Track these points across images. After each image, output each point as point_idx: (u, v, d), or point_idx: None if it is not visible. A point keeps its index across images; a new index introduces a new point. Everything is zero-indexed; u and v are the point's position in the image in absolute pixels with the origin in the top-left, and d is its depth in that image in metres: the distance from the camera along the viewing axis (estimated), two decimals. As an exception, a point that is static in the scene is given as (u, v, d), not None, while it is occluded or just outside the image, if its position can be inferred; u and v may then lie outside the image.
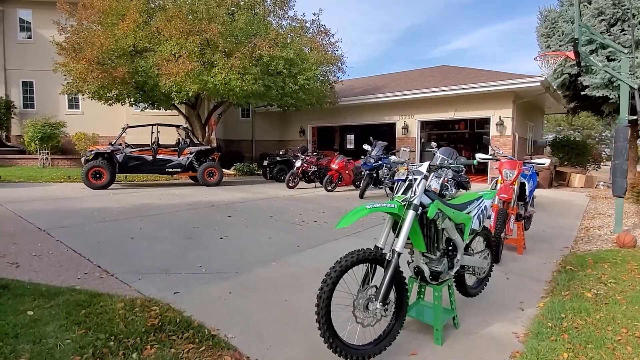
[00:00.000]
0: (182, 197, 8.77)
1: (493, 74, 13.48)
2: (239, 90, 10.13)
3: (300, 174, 11.00)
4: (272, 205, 7.99)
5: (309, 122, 18.24)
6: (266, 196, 9.36)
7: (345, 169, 10.25)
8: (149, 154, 10.54)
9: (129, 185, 11.16)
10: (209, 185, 11.07)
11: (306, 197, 9.43)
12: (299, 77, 11.30)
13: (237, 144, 19.53)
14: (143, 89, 11.26)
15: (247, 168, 15.96)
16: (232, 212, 7.07)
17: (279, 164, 13.06)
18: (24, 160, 14.47)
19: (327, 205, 8.18)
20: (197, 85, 9.77)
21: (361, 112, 16.03)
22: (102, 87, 10.12)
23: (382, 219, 2.56)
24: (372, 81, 18.54)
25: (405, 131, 14.67)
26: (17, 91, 16.29)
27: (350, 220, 2.26)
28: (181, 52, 9.85)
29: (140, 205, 7.51)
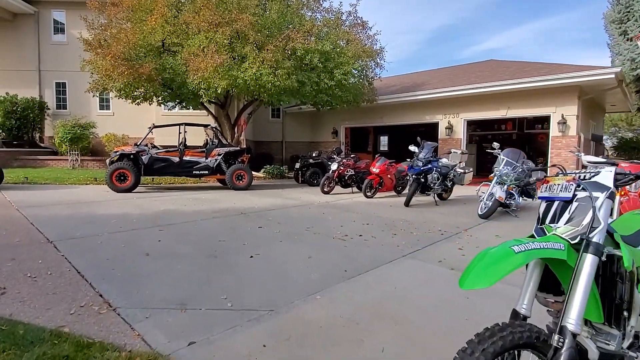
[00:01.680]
0: (209, 203, 8.02)
1: (553, 66, 12.02)
2: (271, 87, 9.32)
3: (336, 178, 10.04)
4: (308, 214, 7.07)
5: (342, 122, 17.28)
6: (300, 202, 8.46)
7: (387, 172, 9.20)
8: (176, 155, 9.92)
9: (155, 188, 10.59)
10: (238, 189, 10.31)
11: (344, 204, 8.45)
12: (335, 71, 10.36)
13: (267, 145, 18.85)
14: (170, 86, 10.68)
15: (277, 170, 15.19)
16: (263, 222, 6.19)
17: (312, 166, 12.16)
18: (56, 161, 14.34)
19: (370, 214, 7.16)
20: (226, 81, 9.04)
21: (399, 111, 14.89)
22: (128, 84, 9.58)
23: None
24: (410, 78, 17.35)
25: (449, 132, 13.42)
26: (50, 92, 16.31)
27: (492, 276, 1.26)
28: (210, 45, 9.15)
29: (162, 212, 6.79)
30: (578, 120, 10.91)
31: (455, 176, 8.65)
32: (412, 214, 7.28)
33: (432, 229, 5.93)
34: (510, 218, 6.96)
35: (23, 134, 14.98)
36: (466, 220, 6.74)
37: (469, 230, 5.93)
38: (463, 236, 5.55)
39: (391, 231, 5.73)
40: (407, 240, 5.16)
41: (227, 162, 10.60)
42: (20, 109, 14.64)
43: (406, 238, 5.31)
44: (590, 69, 10.40)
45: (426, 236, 5.47)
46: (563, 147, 11.03)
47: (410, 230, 5.81)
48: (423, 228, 6.01)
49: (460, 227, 6.11)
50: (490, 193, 6.90)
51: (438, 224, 6.37)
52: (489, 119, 13.40)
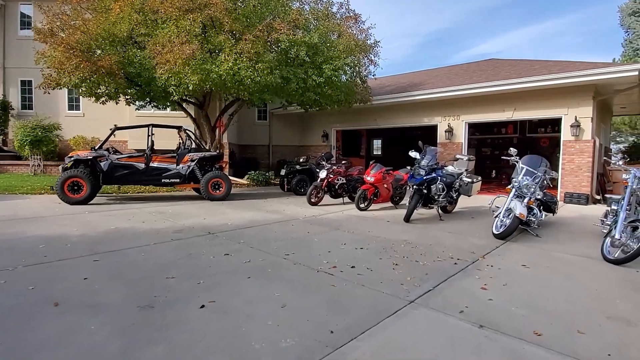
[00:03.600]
0: (174, 218, 6.79)
1: (565, 64, 11.02)
2: (250, 83, 8.13)
3: (325, 187, 8.87)
4: (290, 233, 5.88)
5: (333, 125, 16.14)
6: (282, 217, 7.27)
7: (383, 182, 8.06)
8: (141, 161, 8.65)
9: (121, 198, 9.31)
10: (214, 199, 9.08)
11: (333, 218, 7.28)
12: (324, 67, 9.20)
13: (253, 149, 17.62)
14: (138, 83, 9.42)
15: (262, 177, 13.98)
16: (232, 246, 4.99)
17: (299, 173, 10.97)
18: (17, 166, 12.97)
19: (365, 233, 6.00)
20: (198, 75, 7.82)
21: (395, 113, 13.79)
22: (85, 79, 8.30)
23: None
24: (406, 78, 16.29)
25: (449, 135, 12.34)
26: (15, 91, 14.91)
27: None
28: (180, 35, 7.94)
29: (110, 233, 5.54)
30: (593, 123, 9.89)
31: (461, 186, 7.55)
32: (414, 232, 6.13)
33: (441, 255, 4.78)
34: (531, 238, 5.85)
35: (-19, 136, 13.56)
36: (480, 241, 5.61)
37: (488, 257, 4.79)
38: (482, 266, 4.41)
39: (391, 259, 4.57)
40: (413, 274, 4.00)
41: (203, 168, 9.37)
42: (-23, 109, 13.23)
43: (411, 270, 4.15)
44: (608, 65, 9.40)
45: (436, 266, 4.32)
46: (577, 153, 10.00)
47: (415, 258, 4.65)
48: (430, 253, 4.86)
49: (475, 252, 4.97)
50: (507, 208, 5.79)
51: (447, 247, 5.23)
52: (493, 121, 12.35)
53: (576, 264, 4.59)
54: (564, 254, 5.04)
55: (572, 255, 4.95)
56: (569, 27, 75.86)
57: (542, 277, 4.04)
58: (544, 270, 4.28)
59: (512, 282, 3.86)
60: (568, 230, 6.56)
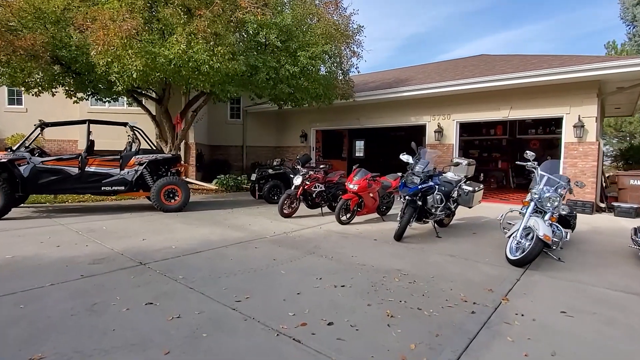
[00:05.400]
0: (103, 239, 5.28)
1: (566, 58, 10.02)
2: (209, 70, 6.69)
3: (301, 196, 7.52)
4: (249, 261, 4.49)
5: (312, 124, 14.80)
6: (245, 235, 5.87)
7: (368, 190, 6.77)
8: (74, 164, 7.07)
9: (52, 209, 7.69)
10: (168, 210, 7.60)
11: (309, 236, 5.94)
12: (299, 53, 7.84)
13: (224, 150, 16.08)
14: (75, 70, 7.82)
15: (233, 181, 12.52)
16: (164, 285, 3.58)
17: (272, 178, 9.58)
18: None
19: (347, 259, 4.68)
20: (141, 59, 6.33)
21: (379, 111, 12.57)
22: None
23: None
24: (391, 74, 15.11)
25: (439, 136, 11.19)
26: (-57, 82, 12.88)
27: None
28: (121, 10, 6.42)
29: None
30: (597, 123, 8.92)
31: (460, 195, 6.34)
32: (409, 257, 4.86)
33: (450, 297, 3.51)
34: (553, 264, 4.66)
35: None
36: (493, 269, 4.38)
37: (512, 298, 3.56)
38: (509, 315, 3.16)
39: (384, 305, 3.27)
40: (419, 337, 2.70)
41: (155, 173, 7.86)
42: None
43: (414, 327, 2.85)
44: (616, 59, 8.43)
45: (448, 319, 3.04)
46: (580, 156, 8.99)
47: (416, 302, 3.37)
48: (435, 293, 3.59)
49: (494, 290, 3.73)
50: (526, 226, 4.59)
51: (455, 280, 3.97)
52: (487, 120, 11.29)
53: (629, 307, 3.41)
54: (603, 288, 3.87)
55: (616, 292, 3.78)
56: (538, 34, 76.98)
57: (597, 335, 2.82)
58: (593, 321, 3.06)
59: (563, 348, 2.62)
60: (591, 251, 5.43)
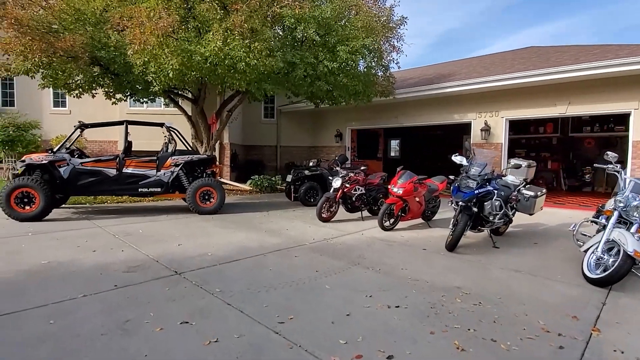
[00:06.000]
0: (139, 244, 5.10)
1: (633, 47, 9.00)
2: (245, 68, 6.41)
3: (340, 199, 7.10)
4: (290, 273, 4.12)
5: (348, 123, 14.36)
6: (283, 241, 5.53)
7: (414, 194, 6.24)
8: (112, 166, 7.03)
9: (92, 211, 7.71)
10: (203, 213, 7.41)
11: (352, 243, 5.51)
12: (339, 48, 7.42)
13: (258, 150, 15.96)
14: (114, 71, 7.80)
15: (267, 182, 12.28)
16: (200, 300, 3.27)
17: (308, 180, 9.22)
18: (-8, 170, 11.54)
19: (397, 272, 4.20)
20: (177, 58, 6.14)
21: (419, 109, 11.93)
22: (40, 64, 6.71)
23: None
24: (431, 70, 14.38)
25: (486, 134, 10.42)
26: (-5, 86, 13.53)
27: None
28: (158, 7, 6.27)
29: (32, 273, 3.87)
30: (673, 119, 7.90)
31: (520, 201, 5.69)
32: (467, 271, 4.32)
33: (528, 325, 2.97)
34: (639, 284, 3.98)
35: (-45, 136, 12.16)
36: (570, 289, 3.77)
37: (602, 327, 2.97)
38: (605, 351, 2.60)
39: (449, 334, 2.79)
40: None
41: (191, 174, 7.71)
42: (-51, 105, 11.86)
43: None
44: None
45: (530, 356, 2.52)
46: (653, 157, 8.01)
47: (488, 330, 2.85)
48: (508, 320, 3.06)
49: (579, 317, 3.14)
50: (609, 239, 3.93)
51: (528, 303, 3.41)
52: (540, 117, 10.39)
53: None
54: None
55: None
56: (582, 27, 71.61)
57: None
58: None
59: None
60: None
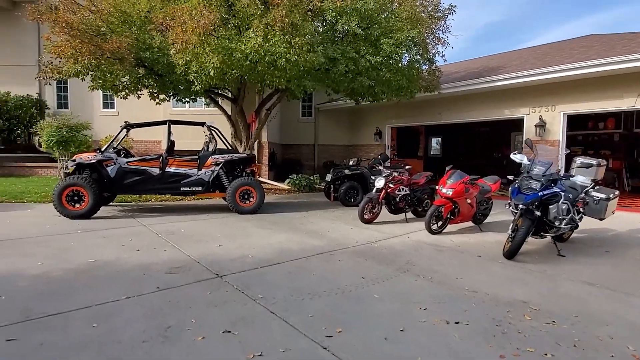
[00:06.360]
0: (181, 244, 5.06)
1: None
2: (286, 64, 6.23)
3: (383, 199, 6.76)
4: (335, 279, 3.87)
5: (388, 121, 13.91)
6: (325, 243, 5.30)
7: (465, 195, 5.79)
8: (156, 165, 7.12)
9: (137, 209, 7.87)
10: (243, 212, 7.34)
11: (398, 248, 5.17)
12: (382, 41, 7.07)
13: (296, 149, 15.87)
14: (157, 72, 7.92)
15: (305, 181, 12.12)
16: (242, 307, 3.09)
17: (349, 179, 8.94)
18: (47, 169, 12.24)
19: (451, 281, 3.84)
20: (218, 56, 6.08)
21: (465, 104, 11.29)
22: (89, 66, 6.91)
23: None
24: (477, 63, 13.61)
25: (541, 130, 9.64)
26: (51, 89, 14.34)
27: None
28: (198, 7, 6.24)
29: (79, 273, 3.88)
30: None
31: (588, 204, 5.10)
32: (532, 283, 3.87)
33: (615, 351, 2.54)
34: None
35: (16, 137, 13.02)
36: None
37: None
38: None
39: (522, 359, 2.42)
40: None
41: (231, 173, 7.68)
42: (11, 108, 12.66)
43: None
44: None
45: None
46: None
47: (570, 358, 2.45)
48: (590, 345, 2.63)
49: (682, 346, 2.65)
50: None
51: (611, 324, 2.95)
52: (604, 111, 9.46)
53: None
54: None
55: None
56: (631, 17, 64.81)
57: None
58: None
59: None
60: None
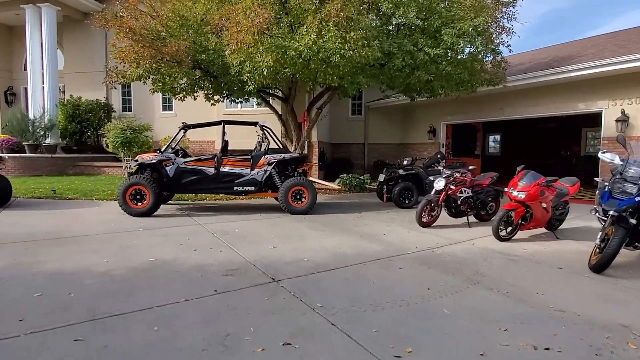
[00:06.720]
0: (236, 244, 5.03)
1: None
2: (340, 60, 6.01)
3: (443, 202, 6.32)
4: (396, 289, 3.58)
5: (443, 118, 13.24)
6: (383, 248, 5.01)
7: (540, 199, 5.21)
8: (210, 165, 7.23)
9: (193, 207, 8.08)
10: (295, 212, 7.25)
11: (463, 255, 4.76)
12: (443, 31, 6.61)
13: (345, 148, 15.64)
14: (213, 73, 8.06)
15: (356, 181, 11.85)
16: (300, 317, 2.92)
17: (403, 180, 8.53)
18: (113, 168, 13.06)
19: (532, 298, 3.40)
20: (272, 54, 6.00)
21: (531, 98, 10.39)
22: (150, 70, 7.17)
23: None
24: (544, 53, 12.50)
25: (622, 125, 8.58)
26: (117, 94, 15.33)
27: None
28: (253, 6, 6.21)
29: (140, 272, 3.94)
30: None
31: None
32: (632, 302, 3.33)
33: None
34: None
35: (86, 138, 14.07)
36: None
37: None
38: None
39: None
40: None
41: (283, 173, 7.62)
42: (82, 112, 13.70)
43: None
44: None
45: None
46: None
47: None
48: None
49: None
50: None
51: None
52: None
53: None
54: None
55: None
56: None
57: None
58: None
59: None
60: None
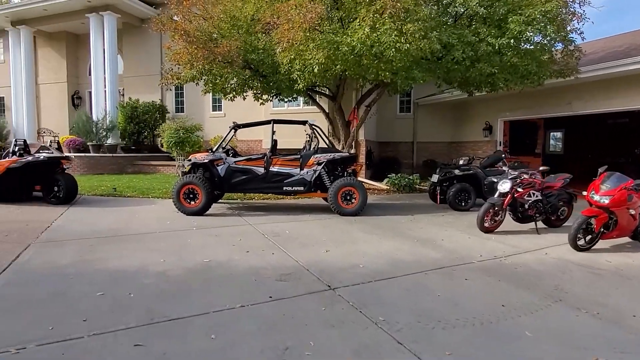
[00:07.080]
0: (287, 247, 4.90)
1: None
2: (394, 54, 5.68)
3: (508, 205, 5.80)
4: (466, 303, 3.25)
5: (500, 114, 12.38)
6: (442, 255, 4.65)
7: (626, 204, 4.58)
8: (260, 164, 7.20)
9: (242, 207, 8.12)
10: (345, 214, 7.03)
11: (535, 267, 4.28)
12: (510, 19, 6.04)
13: (393, 147, 15.15)
14: (262, 72, 8.04)
15: (405, 181, 11.40)
16: (362, 331, 2.69)
17: (459, 180, 8.01)
18: (168, 167, 13.61)
19: (623, 317, 2.93)
20: (323, 51, 5.81)
21: (605, 91, 9.37)
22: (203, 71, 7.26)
23: None
24: (618, 41, 11.27)
25: None
26: (170, 96, 15.98)
27: None
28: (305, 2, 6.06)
29: (195, 273, 3.91)
30: None
31: None
32: None
33: None
34: None
35: (143, 138, 14.80)
36: None
37: None
38: None
39: None
40: None
41: (332, 173, 7.43)
42: (140, 113, 14.44)
43: None
44: None
45: None
46: None
47: None
48: None
49: None
50: None
51: None
52: None
53: None
54: None
55: None
56: None
57: None
58: None
59: None
60: None
